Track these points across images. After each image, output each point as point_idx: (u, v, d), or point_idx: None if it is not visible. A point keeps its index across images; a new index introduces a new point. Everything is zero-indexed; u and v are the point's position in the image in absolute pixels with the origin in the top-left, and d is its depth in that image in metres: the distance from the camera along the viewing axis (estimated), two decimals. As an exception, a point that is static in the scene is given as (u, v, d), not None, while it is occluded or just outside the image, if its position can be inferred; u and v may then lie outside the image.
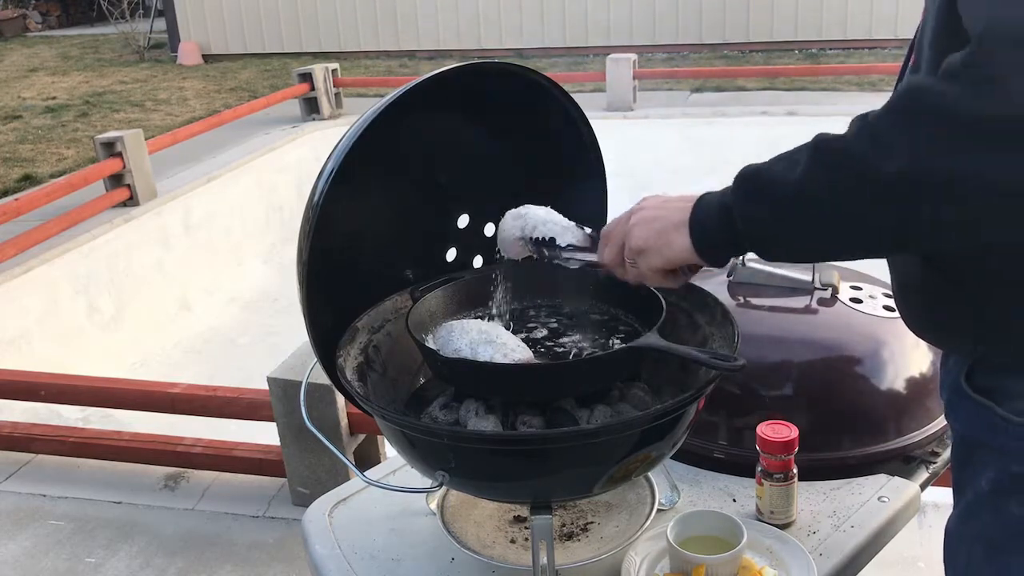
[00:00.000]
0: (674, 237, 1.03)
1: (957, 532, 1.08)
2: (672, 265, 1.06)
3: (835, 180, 0.88)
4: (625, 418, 1.19)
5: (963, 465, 1.06)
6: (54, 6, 17.72)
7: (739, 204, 0.97)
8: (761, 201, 0.95)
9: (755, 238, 0.97)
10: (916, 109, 0.83)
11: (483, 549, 1.32)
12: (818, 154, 0.90)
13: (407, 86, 1.23)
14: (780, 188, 0.93)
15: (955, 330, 1.04)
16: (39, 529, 2.98)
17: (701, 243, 1.01)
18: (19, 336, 4.74)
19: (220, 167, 6.74)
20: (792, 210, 0.92)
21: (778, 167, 0.94)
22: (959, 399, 1.04)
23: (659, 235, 1.04)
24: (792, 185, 0.91)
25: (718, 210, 0.99)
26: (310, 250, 1.20)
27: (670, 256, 1.04)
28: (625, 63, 8.17)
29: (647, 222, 1.06)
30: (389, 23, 12.30)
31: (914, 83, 0.84)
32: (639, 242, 1.06)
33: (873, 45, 10.92)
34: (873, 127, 0.86)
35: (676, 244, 1.03)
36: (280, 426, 2.91)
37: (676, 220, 1.03)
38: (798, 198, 0.91)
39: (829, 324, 1.63)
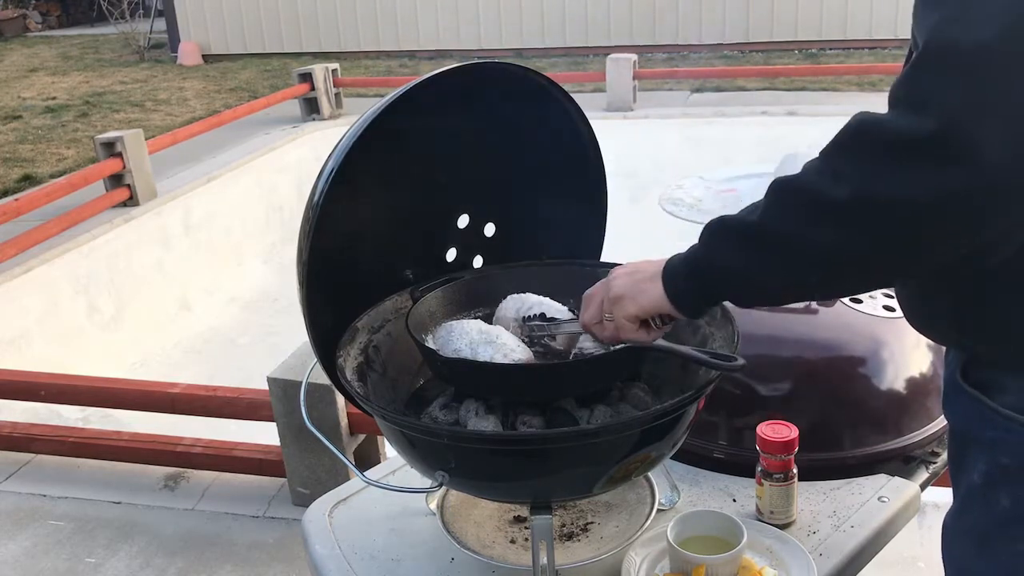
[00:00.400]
0: (648, 286, 1.08)
1: (952, 526, 1.09)
2: (646, 313, 1.09)
3: (791, 212, 0.92)
4: (625, 418, 1.19)
5: (958, 459, 1.08)
6: (54, 6, 17.71)
7: (704, 249, 1.01)
8: (725, 242, 0.99)
9: (722, 280, 1.01)
10: (858, 135, 0.87)
11: (483, 549, 1.32)
12: (775, 193, 0.94)
13: (407, 86, 1.23)
14: (742, 229, 0.97)
15: (939, 323, 1.06)
16: (39, 529, 2.98)
17: (672, 290, 1.06)
18: (19, 336, 4.74)
19: (220, 167, 6.74)
20: (754, 247, 0.96)
21: (741, 213, 0.98)
22: (955, 393, 1.06)
23: (635, 284, 1.09)
24: (753, 224, 0.95)
25: (686, 258, 1.04)
26: (310, 250, 1.20)
27: (644, 303, 1.08)
28: (625, 63, 8.17)
29: (626, 275, 1.11)
30: (389, 23, 12.30)
31: (857, 116, 0.87)
32: (616, 291, 1.10)
33: (873, 45, 10.92)
34: (822, 159, 0.90)
35: (650, 291, 1.07)
36: (280, 426, 2.91)
37: (651, 271, 1.08)
38: (759, 235, 0.95)
39: (829, 324, 1.63)
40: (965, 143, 0.79)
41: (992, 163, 0.79)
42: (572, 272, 1.40)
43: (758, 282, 0.98)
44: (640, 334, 1.12)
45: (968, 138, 0.79)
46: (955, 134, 0.79)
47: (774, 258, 0.94)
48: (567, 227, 1.52)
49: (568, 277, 1.40)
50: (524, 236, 1.49)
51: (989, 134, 0.78)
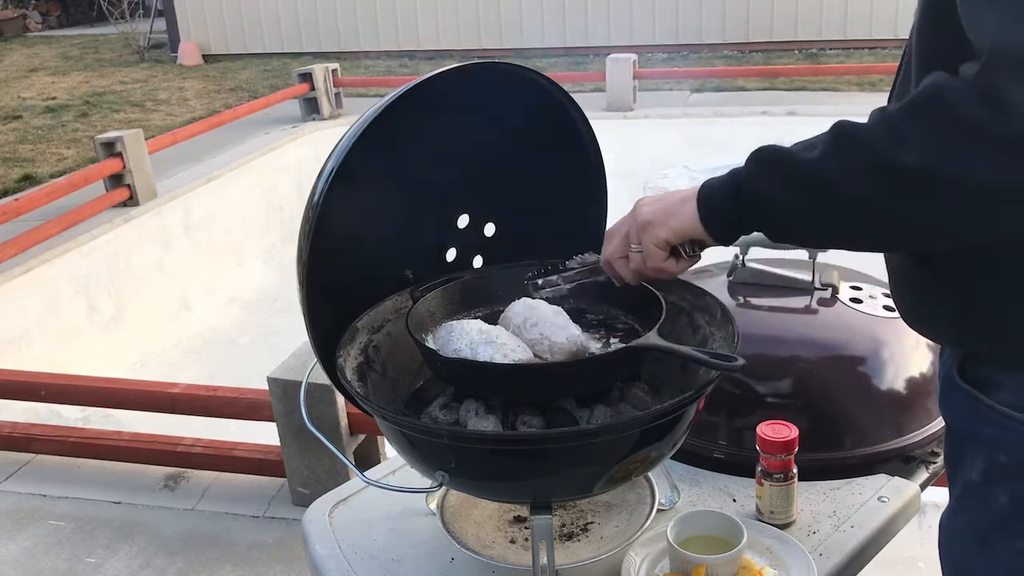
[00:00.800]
0: (680, 208, 1.05)
1: (949, 524, 1.09)
2: (677, 237, 1.06)
3: (849, 163, 0.90)
4: (625, 418, 1.19)
5: (954, 457, 1.08)
6: (54, 6, 17.72)
7: (749, 176, 0.98)
8: (772, 175, 0.96)
9: (761, 212, 0.98)
10: (935, 107, 0.85)
11: (483, 549, 1.32)
12: (835, 139, 0.92)
13: (407, 86, 1.23)
14: (793, 166, 0.94)
15: (938, 323, 1.06)
16: (39, 529, 2.98)
17: (706, 213, 1.02)
18: (19, 336, 4.74)
19: (220, 167, 6.74)
20: (802, 188, 0.94)
21: (795, 148, 0.96)
22: (951, 390, 1.06)
23: (665, 208, 1.06)
24: (806, 164, 0.93)
25: (726, 182, 1.01)
26: (310, 250, 1.20)
27: (675, 226, 1.05)
28: (625, 63, 8.17)
29: (654, 201, 1.08)
30: (389, 23, 12.30)
31: (935, 82, 0.86)
32: (645, 216, 1.07)
33: (873, 45, 10.92)
34: (892, 119, 0.88)
35: (682, 214, 1.04)
36: (280, 426, 2.91)
37: (682, 195, 1.05)
38: (810, 177, 0.92)
39: (829, 324, 1.63)
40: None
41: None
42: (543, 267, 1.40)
43: (799, 223, 0.96)
44: (669, 263, 1.09)
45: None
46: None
47: (823, 205, 0.93)
48: (567, 227, 1.51)
49: (567, 277, 1.39)
50: (524, 236, 1.48)
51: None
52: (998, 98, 0.80)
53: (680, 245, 1.08)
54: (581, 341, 1.23)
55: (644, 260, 1.10)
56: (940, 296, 1.03)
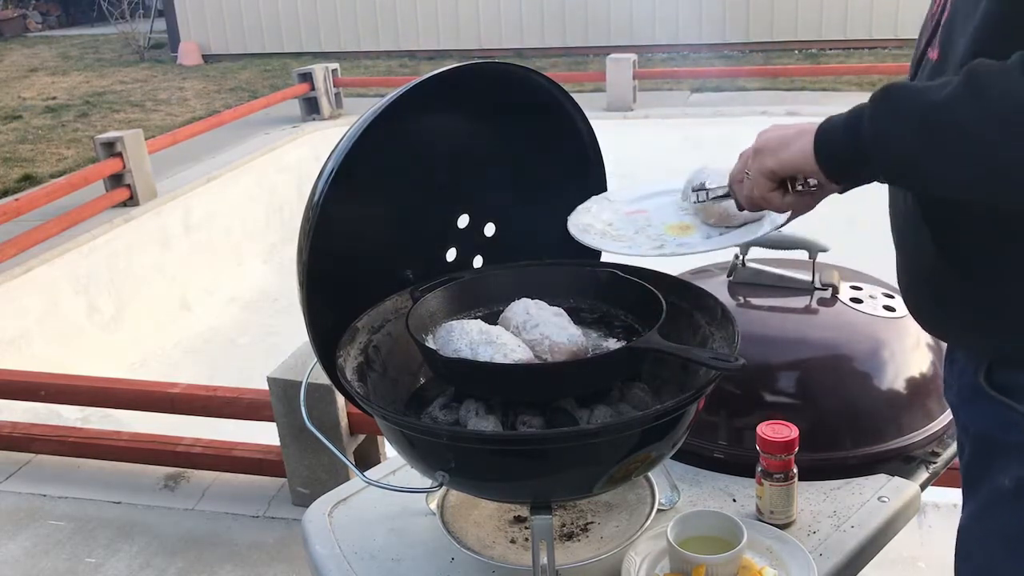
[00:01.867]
0: (795, 140, 1.02)
1: (973, 530, 1.08)
2: (784, 168, 1.03)
3: (984, 106, 0.86)
4: (625, 418, 1.19)
5: (979, 463, 1.06)
6: (54, 6, 17.72)
7: (872, 113, 0.94)
8: (896, 113, 0.92)
9: (881, 151, 0.94)
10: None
11: (483, 549, 1.32)
12: (971, 79, 0.87)
13: (407, 86, 1.23)
14: (921, 105, 0.90)
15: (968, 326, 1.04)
16: (39, 529, 2.98)
17: (822, 147, 0.99)
18: (19, 336, 4.74)
19: (220, 167, 6.74)
20: (928, 130, 0.89)
21: (923, 86, 0.92)
22: (975, 397, 1.04)
23: (780, 136, 1.04)
24: (935, 104, 0.88)
25: (848, 117, 0.97)
26: (310, 250, 1.20)
27: (784, 157, 1.02)
28: (625, 63, 8.17)
29: (775, 128, 1.06)
30: (389, 23, 12.30)
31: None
32: (759, 143, 1.05)
33: (873, 45, 10.92)
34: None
35: (794, 145, 1.01)
36: (280, 426, 2.91)
37: (801, 127, 1.02)
38: (938, 119, 0.88)
39: (829, 324, 1.63)
40: None
41: None
42: (572, 272, 1.40)
43: (923, 165, 0.92)
44: (774, 196, 1.06)
45: None
46: None
47: (948, 150, 0.88)
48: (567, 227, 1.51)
49: (568, 277, 1.40)
50: (524, 236, 1.48)
51: None
52: None
53: (789, 179, 1.04)
54: (582, 341, 1.23)
55: (752, 187, 1.07)
56: (966, 299, 1.01)
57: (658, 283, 1.30)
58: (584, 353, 1.22)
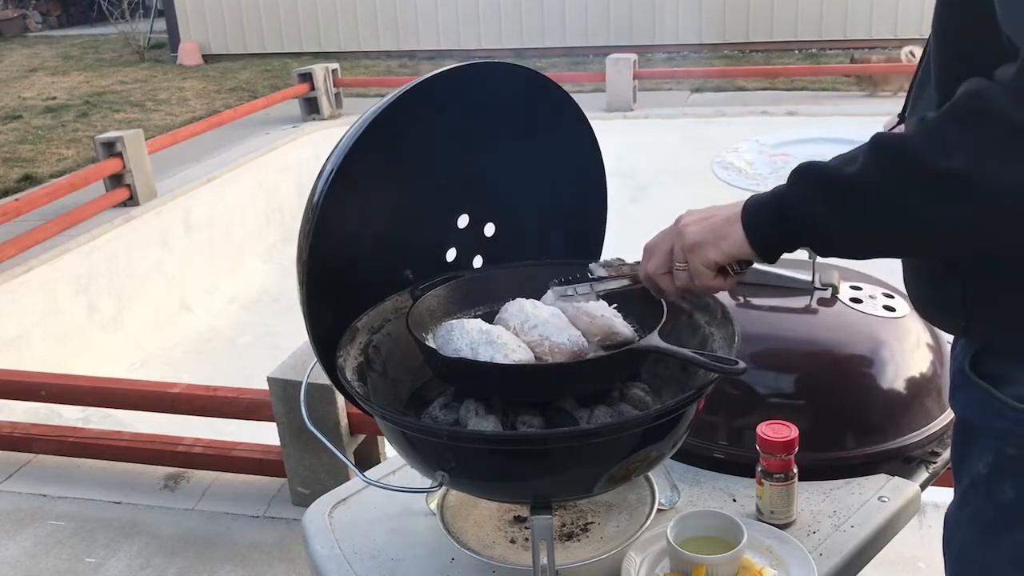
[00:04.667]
0: (728, 230, 1.05)
1: (954, 517, 1.10)
2: (727, 259, 1.07)
3: (892, 173, 0.90)
4: (625, 418, 1.19)
5: (962, 450, 1.08)
6: (54, 6, 17.72)
7: (793, 194, 0.99)
8: (815, 191, 0.97)
9: (808, 229, 0.98)
10: (976, 112, 0.85)
11: (483, 549, 1.32)
12: (876, 149, 0.92)
13: (407, 86, 1.23)
14: (836, 180, 0.94)
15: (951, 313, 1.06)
16: (39, 529, 2.98)
17: (754, 234, 1.03)
18: (19, 336, 4.74)
19: (220, 167, 6.74)
20: (847, 201, 0.94)
21: (835, 162, 0.96)
22: (963, 383, 1.06)
23: (713, 229, 1.06)
24: (849, 177, 0.93)
25: (770, 200, 1.01)
26: (310, 250, 1.20)
27: (726, 249, 1.06)
28: (625, 63, 8.17)
29: (698, 221, 1.08)
30: (389, 23, 12.30)
31: (974, 87, 0.86)
32: (693, 238, 1.08)
33: (873, 45, 10.91)
34: (932, 126, 0.88)
35: (731, 237, 1.05)
36: (280, 426, 2.91)
37: (726, 215, 1.06)
38: (854, 189, 0.93)
39: (829, 324, 1.63)
40: None
41: None
42: (571, 272, 1.40)
43: (845, 237, 0.97)
44: (717, 281, 1.10)
45: None
46: None
47: (868, 217, 0.93)
48: (567, 227, 1.52)
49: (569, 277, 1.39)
50: (524, 236, 1.48)
51: None
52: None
53: (727, 264, 1.09)
54: (582, 342, 1.23)
55: (691, 278, 1.10)
56: (953, 286, 1.03)
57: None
58: (585, 354, 1.22)
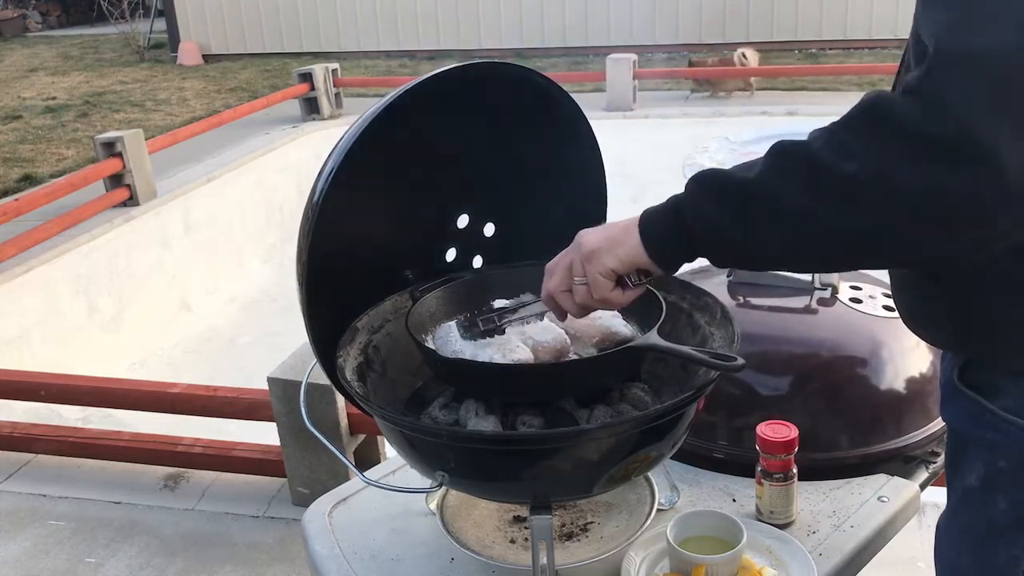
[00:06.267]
0: (624, 237, 1.03)
1: (946, 527, 1.10)
2: (623, 266, 1.04)
3: (789, 178, 0.88)
4: (625, 418, 1.19)
5: (954, 461, 1.08)
6: (54, 6, 17.72)
7: (689, 200, 0.97)
8: (711, 197, 0.95)
9: (704, 235, 0.96)
10: (870, 114, 0.84)
11: (483, 549, 1.32)
12: (774, 156, 0.91)
13: (407, 86, 1.23)
14: (733, 186, 0.93)
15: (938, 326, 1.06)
16: (39, 529, 2.98)
17: (649, 239, 1.01)
18: (19, 336, 4.74)
19: (220, 167, 6.74)
20: (743, 207, 0.92)
21: (733, 170, 0.95)
22: (952, 395, 1.06)
23: (609, 237, 1.04)
24: (746, 183, 0.91)
25: (666, 206, 1.00)
26: (310, 250, 1.20)
27: (622, 256, 1.03)
28: (625, 63, 8.17)
29: (595, 232, 1.06)
30: (389, 23, 12.30)
31: (872, 96, 0.86)
32: (589, 246, 1.05)
33: (873, 45, 10.92)
34: (831, 132, 0.87)
35: (627, 242, 1.02)
36: (280, 426, 2.91)
37: (623, 224, 1.04)
38: (750, 195, 0.91)
39: (829, 324, 1.63)
40: (983, 148, 0.78)
41: (1009, 168, 0.77)
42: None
43: (742, 244, 0.94)
44: (615, 294, 1.06)
45: (986, 144, 0.77)
46: (973, 139, 0.78)
47: (764, 222, 0.91)
48: (567, 227, 1.51)
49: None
50: (524, 236, 1.48)
51: (1007, 140, 0.77)
52: (932, 99, 0.79)
53: (626, 275, 1.06)
54: (566, 340, 1.23)
55: (590, 292, 1.07)
56: (939, 300, 1.02)
57: (657, 283, 1.30)
58: (568, 352, 1.22)
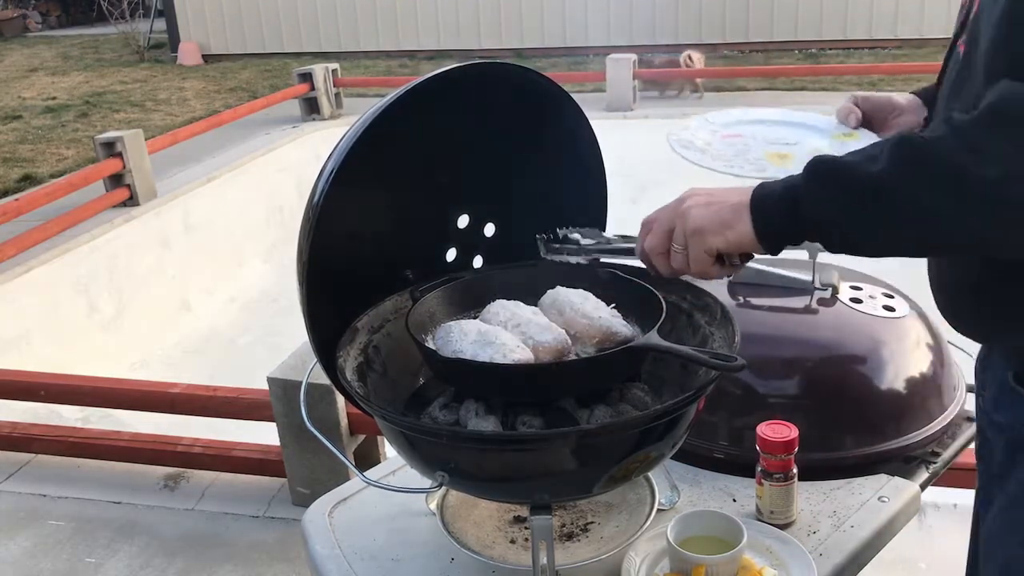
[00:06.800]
0: (734, 219, 1.01)
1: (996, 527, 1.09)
2: (731, 248, 1.03)
3: (921, 178, 0.88)
4: (625, 418, 1.19)
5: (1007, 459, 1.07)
6: (54, 6, 17.73)
7: (809, 189, 0.95)
8: (834, 188, 0.93)
9: (821, 225, 0.96)
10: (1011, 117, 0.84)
11: (483, 549, 1.32)
12: (901, 150, 0.89)
13: (407, 86, 1.23)
14: (857, 179, 0.92)
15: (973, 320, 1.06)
16: (39, 529, 2.98)
17: (763, 227, 1.00)
18: (19, 336, 4.74)
19: (220, 167, 6.74)
20: (868, 201, 0.91)
21: (854, 159, 0.93)
22: (1007, 395, 1.05)
23: (718, 215, 1.02)
24: (871, 177, 0.90)
25: (783, 193, 0.98)
26: (310, 250, 1.20)
27: (731, 238, 1.02)
28: (625, 63, 8.17)
29: (703, 205, 1.04)
30: (389, 23, 12.30)
31: (1011, 90, 0.84)
32: (697, 222, 1.03)
33: (873, 45, 10.92)
34: (967, 131, 0.86)
35: (737, 227, 1.01)
36: (280, 426, 2.91)
37: (735, 202, 1.01)
38: (877, 190, 0.90)
39: (829, 324, 1.62)
40: None
41: None
42: (572, 272, 1.40)
43: (866, 237, 0.93)
44: (714, 269, 1.06)
45: None
46: None
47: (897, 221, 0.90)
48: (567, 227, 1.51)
49: (567, 277, 1.39)
50: (524, 236, 1.48)
51: None
52: None
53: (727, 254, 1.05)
54: (566, 339, 1.23)
55: (687, 262, 1.06)
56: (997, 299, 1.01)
57: (657, 283, 1.30)
58: (568, 351, 1.22)
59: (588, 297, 1.28)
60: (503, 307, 1.27)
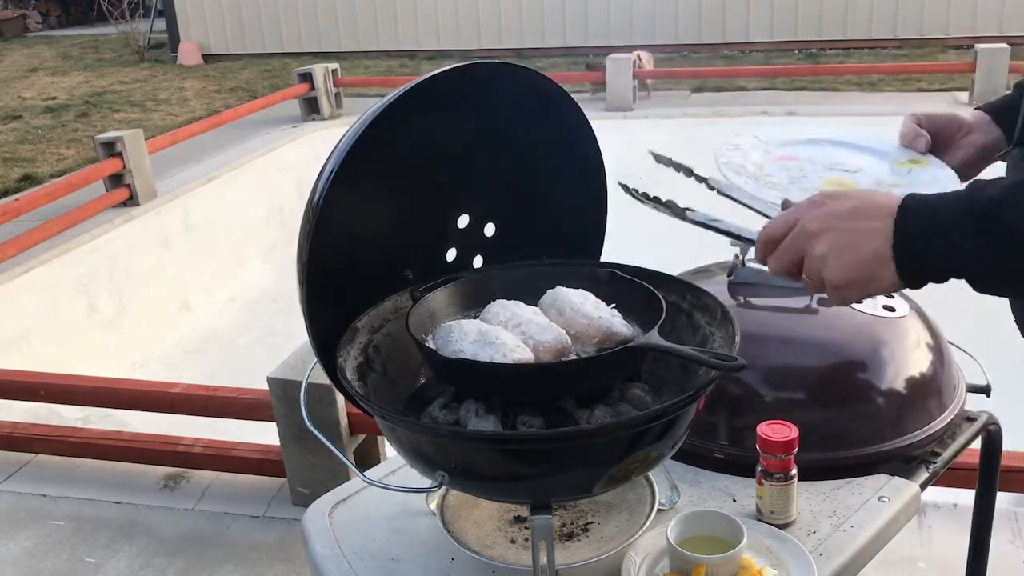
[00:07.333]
0: (878, 271, 0.95)
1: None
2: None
3: None
4: (625, 418, 1.19)
5: None
6: (54, 6, 17.73)
7: (982, 252, 0.88)
8: (1008, 248, 0.86)
9: (988, 281, 0.90)
10: None
11: (483, 549, 1.32)
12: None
13: (407, 86, 1.23)
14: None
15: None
16: (39, 529, 2.98)
17: (913, 279, 0.94)
18: (19, 336, 4.74)
19: (220, 167, 6.75)
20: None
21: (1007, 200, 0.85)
22: None
23: (859, 269, 0.97)
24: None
25: (946, 253, 0.90)
26: (310, 250, 1.20)
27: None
28: (625, 63, 8.17)
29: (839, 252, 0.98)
30: (389, 23, 12.31)
31: None
32: (839, 278, 0.99)
33: (873, 45, 10.92)
34: None
35: (883, 280, 0.96)
36: (280, 426, 2.91)
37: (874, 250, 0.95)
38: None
39: (829, 324, 1.62)
40: None
41: None
42: (572, 272, 1.40)
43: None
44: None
45: None
46: None
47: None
48: (567, 227, 1.51)
49: (568, 277, 1.39)
50: (524, 236, 1.48)
51: None
52: None
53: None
54: (567, 339, 1.23)
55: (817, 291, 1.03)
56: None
57: (658, 283, 1.30)
58: (568, 351, 1.22)
59: (588, 297, 1.28)
60: (503, 307, 1.27)
